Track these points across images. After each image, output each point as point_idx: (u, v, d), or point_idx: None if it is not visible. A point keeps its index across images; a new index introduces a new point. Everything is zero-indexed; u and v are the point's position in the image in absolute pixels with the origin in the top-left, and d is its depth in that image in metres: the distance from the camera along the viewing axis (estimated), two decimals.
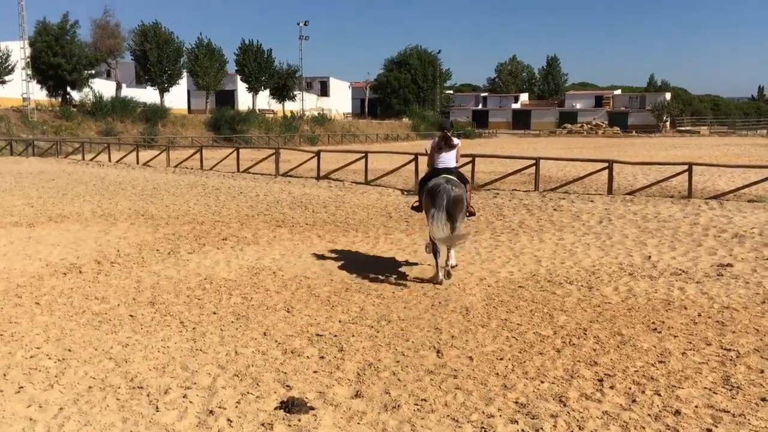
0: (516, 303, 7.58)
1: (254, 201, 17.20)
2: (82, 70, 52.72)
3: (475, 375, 5.40)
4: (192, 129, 56.86)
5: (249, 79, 69.31)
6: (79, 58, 51.80)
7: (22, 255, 10.34)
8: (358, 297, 7.87)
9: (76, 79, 52.28)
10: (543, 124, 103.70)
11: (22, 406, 4.81)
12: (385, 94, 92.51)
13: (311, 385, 5.20)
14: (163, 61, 58.53)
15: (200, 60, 62.84)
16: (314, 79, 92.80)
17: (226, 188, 20.26)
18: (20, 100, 48.42)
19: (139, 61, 59.31)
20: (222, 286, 8.38)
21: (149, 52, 57.75)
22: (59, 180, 22.97)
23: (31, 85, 48.52)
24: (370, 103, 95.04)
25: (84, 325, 6.78)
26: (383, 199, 17.65)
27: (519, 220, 13.59)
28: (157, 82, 59.26)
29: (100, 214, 14.84)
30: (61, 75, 51.04)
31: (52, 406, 4.80)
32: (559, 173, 24.37)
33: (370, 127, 78.27)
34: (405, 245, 11.13)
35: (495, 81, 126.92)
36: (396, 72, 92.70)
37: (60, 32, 51.42)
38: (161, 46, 58.31)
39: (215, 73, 64.71)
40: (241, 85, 72.19)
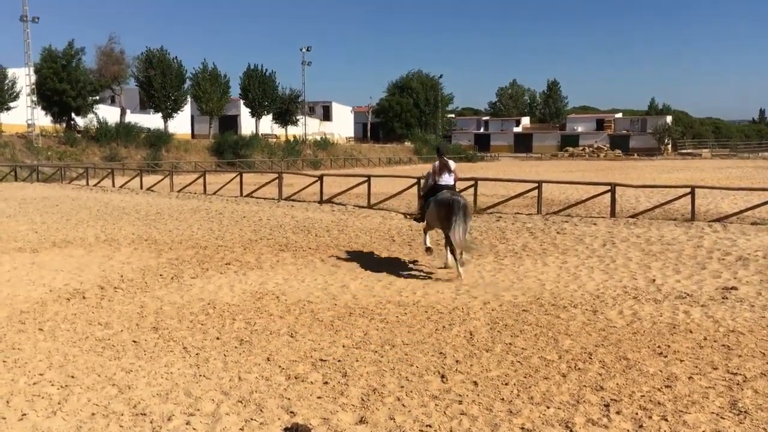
0: (520, 327, 7.55)
1: (257, 225, 17.22)
2: (87, 96, 53.16)
3: (480, 400, 5.37)
4: (195, 154, 57.13)
5: (252, 104, 69.77)
6: (83, 84, 52.24)
7: (25, 281, 10.34)
8: (362, 321, 7.85)
9: (81, 105, 52.68)
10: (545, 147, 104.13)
11: None
12: (387, 118, 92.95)
13: (315, 411, 5.17)
14: (167, 87, 59.01)
15: (204, 85, 63.33)
16: (317, 104, 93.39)
17: (229, 213, 20.29)
18: (25, 126, 48.73)
19: (143, 87, 59.83)
20: (225, 311, 8.37)
21: (153, 78, 58.26)
22: (63, 205, 23.03)
23: (36, 111, 48.88)
24: (373, 127, 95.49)
25: (87, 351, 6.76)
26: (386, 222, 17.65)
27: (522, 244, 13.58)
28: (161, 108, 59.69)
29: (103, 239, 14.87)
30: (66, 101, 51.43)
31: None
32: (561, 196, 24.39)
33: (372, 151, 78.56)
34: (408, 269, 11.11)
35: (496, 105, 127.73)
36: (398, 96, 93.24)
37: (65, 59, 51.90)
38: (165, 72, 58.82)
39: (219, 98, 65.20)
40: (245, 110, 72.67)
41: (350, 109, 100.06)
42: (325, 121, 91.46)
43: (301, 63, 74.76)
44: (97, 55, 57.17)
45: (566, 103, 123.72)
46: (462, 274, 10.21)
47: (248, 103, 70.03)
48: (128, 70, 59.19)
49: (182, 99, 62.06)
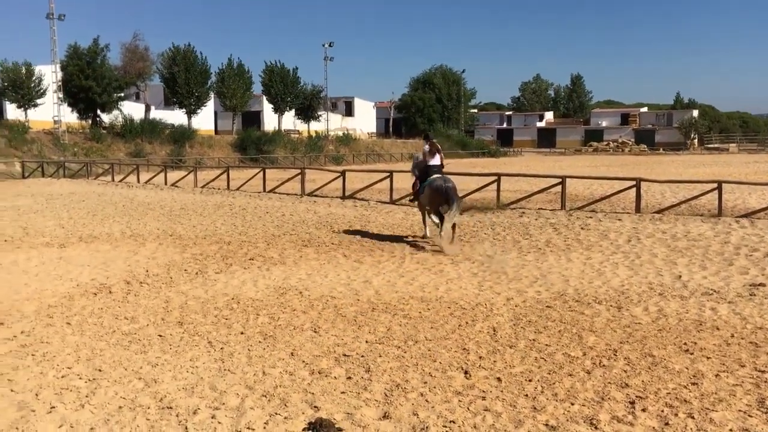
0: (544, 323, 7.51)
1: (280, 221, 17.30)
2: (112, 92, 53.71)
3: (504, 396, 5.36)
4: (219, 150, 57.50)
5: (275, 100, 70.02)
6: (109, 81, 52.80)
7: (53, 275, 10.50)
8: (385, 317, 7.86)
9: (106, 102, 53.25)
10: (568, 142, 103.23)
11: (54, 426, 4.87)
12: (409, 114, 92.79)
13: (339, 406, 5.19)
14: (191, 84, 59.42)
15: (227, 81, 63.68)
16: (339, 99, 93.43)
17: (252, 208, 20.41)
18: (52, 122, 49.42)
19: (167, 83, 60.27)
20: (249, 306, 8.43)
21: (177, 75, 58.68)
22: (89, 201, 23.33)
23: (62, 107, 49.53)
24: (395, 122, 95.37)
25: (114, 345, 6.85)
26: (408, 218, 17.63)
27: (546, 239, 13.50)
28: (185, 104, 60.13)
29: (129, 234, 15.04)
30: (92, 98, 52.02)
31: (83, 426, 4.85)
32: (585, 192, 24.19)
33: (394, 146, 78.48)
34: (431, 264, 11.11)
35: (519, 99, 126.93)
36: (420, 91, 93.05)
37: (91, 56, 52.49)
38: (189, 69, 59.24)
39: (242, 94, 65.51)
40: (267, 106, 72.92)
41: (372, 105, 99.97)
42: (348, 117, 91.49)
43: (324, 59, 74.88)
44: (122, 51, 57.79)
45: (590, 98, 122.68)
46: (449, 248, 12.27)
47: (271, 99, 70.29)
48: (153, 67, 59.71)
49: (206, 95, 62.47)
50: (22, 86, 49.39)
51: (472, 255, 11.94)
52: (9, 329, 7.45)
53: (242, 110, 67.42)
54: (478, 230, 14.96)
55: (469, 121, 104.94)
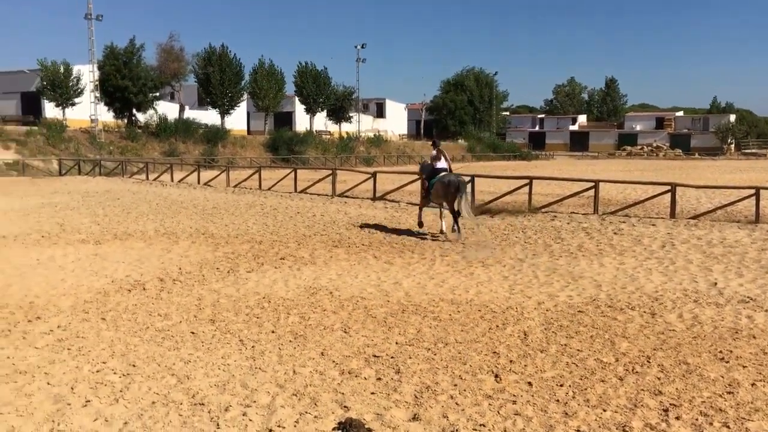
0: (576, 328, 7.44)
1: (311, 221, 17.39)
2: (148, 92, 54.53)
3: (535, 401, 5.32)
4: (251, 150, 58.01)
5: (307, 101, 70.43)
6: (144, 81, 53.60)
7: (88, 271, 10.69)
8: (415, 319, 7.85)
9: (142, 102, 54.08)
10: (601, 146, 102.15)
11: (89, 419, 4.96)
12: (441, 116, 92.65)
13: (369, 407, 5.20)
14: (225, 84, 60.03)
15: (260, 82, 64.20)
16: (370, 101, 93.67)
17: (283, 208, 20.55)
18: (89, 121, 50.33)
19: (202, 83, 60.97)
20: (280, 305, 8.48)
21: (212, 75, 59.32)
22: (124, 199, 23.70)
23: (99, 107, 50.41)
24: (426, 124, 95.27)
25: (147, 341, 6.95)
26: (439, 220, 17.57)
27: (578, 244, 13.37)
28: (219, 104, 60.77)
29: (162, 232, 15.24)
30: (128, 97, 52.87)
31: (117, 420, 4.93)
32: (618, 196, 23.91)
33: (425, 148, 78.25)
34: (461, 267, 11.07)
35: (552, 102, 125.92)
36: (452, 93, 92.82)
37: (127, 56, 53.35)
38: (223, 69, 59.85)
39: (274, 95, 66.00)
40: (299, 107, 73.40)
41: (404, 107, 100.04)
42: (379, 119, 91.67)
43: (356, 60, 75.24)
44: (157, 52, 58.58)
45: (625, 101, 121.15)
46: (462, 237, 13.92)
47: (303, 99, 70.72)
48: (188, 67, 60.43)
49: (239, 95, 63.07)
50: (60, 85, 50.38)
51: (503, 258, 11.87)
52: (46, 323, 7.61)
53: (274, 111, 67.92)
54: (509, 233, 14.87)
55: (501, 124, 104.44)
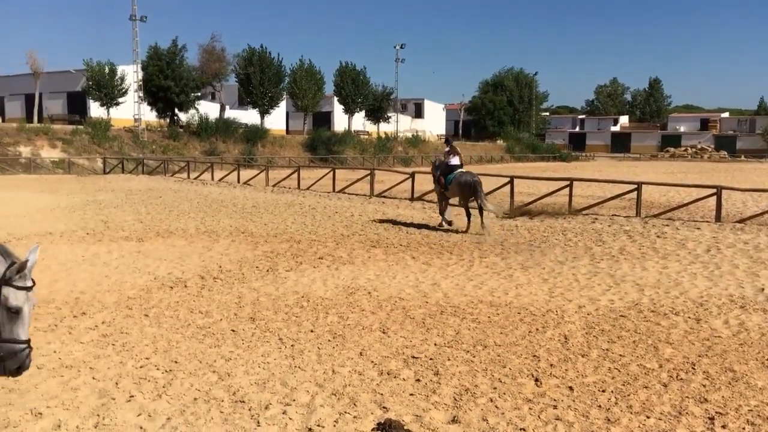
0: (618, 333, 7.32)
1: (349, 221, 17.45)
2: (189, 92, 55.37)
3: (576, 406, 5.24)
4: (290, 149, 58.47)
5: (346, 101, 70.71)
6: (186, 81, 54.44)
7: (132, 268, 10.88)
8: (453, 320, 7.82)
9: (184, 101, 54.92)
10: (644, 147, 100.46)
11: (133, 414, 5.04)
12: (479, 116, 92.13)
13: (408, 408, 5.19)
14: (265, 84, 60.61)
15: (300, 82, 64.66)
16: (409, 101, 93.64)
17: (322, 208, 20.66)
18: (132, 120, 51.31)
19: (242, 83, 61.64)
20: (319, 305, 8.52)
21: (252, 76, 59.94)
22: (166, 197, 24.09)
23: (142, 106, 51.36)
24: (464, 124, 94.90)
25: (189, 337, 7.05)
26: (477, 221, 17.47)
27: (619, 247, 13.16)
28: (259, 104, 61.38)
29: (203, 230, 15.44)
30: (170, 97, 53.76)
31: (160, 415, 5.00)
32: (662, 199, 23.48)
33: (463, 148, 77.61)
34: (500, 269, 10.99)
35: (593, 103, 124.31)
36: (491, 94, 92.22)
37: (170, 56, 54.23)
38: (264, 70, 60.43)
39: (313, 95, 66.40)
40: (338, 107, 73.73)
41: (442, 107, 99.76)
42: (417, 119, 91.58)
43: (395, 60, 75.27)
44: (199, 52, 59.42)
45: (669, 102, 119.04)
46: (488, 231, 15.02)
47: (342, 99, 71.03)
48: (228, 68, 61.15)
49: (279, 95, 63.62)
50: (105, 85, 51.46)
51: (542, 261, 11.75)
52: (91, 319, 7.76)
53: (313, 111, 68.32)
54: (549, 236, 14.71)
55: (541, 125, 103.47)
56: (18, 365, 3.74)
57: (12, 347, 3.70)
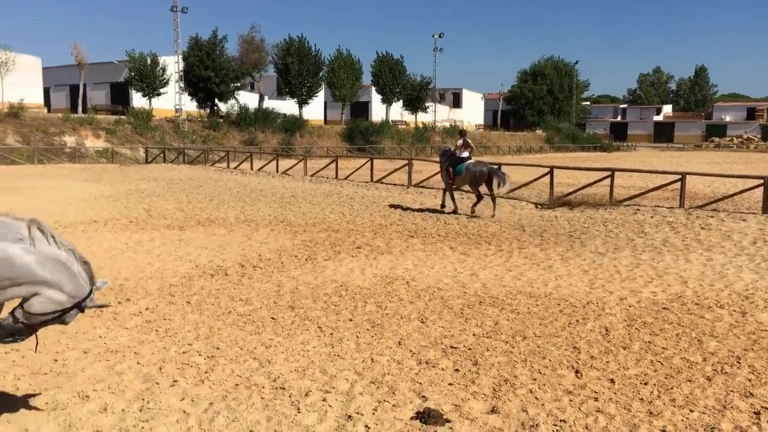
0: (660, 325, 7.20)
1: (387, 211, 17.46)
2: (229, 82, 55.91)
3: (618, 399, 5.18)
4: (328, 139, 58.71)
5: (384, 91, 70.65)
6: (226, 71, 54.97)
7: (174, 256, 11.07)
8: (492, 311, 7.78)
9: (224, 92, 55.49)
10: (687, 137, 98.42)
11: (176, 398, 5.14)
12: (518, 106, 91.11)
13: (447, 398, 5.19)
14: (303, 74, 60.88)
15: (338, 72, 64.79)
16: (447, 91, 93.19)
17: (359, 197, 20.71)
18: (173, 111, 52.05)
19: (281, 74, 62.01)
20: (357, 294, 8.56)
21: (291, 66, 60.25)
22: (206, 186, 24.41)
23: (183, 97, 52.05)
24: (503, 114, 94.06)
25: (230, 325, 7.15)
26: (516, 212, 17.37)
27: (662, 238, 12.93)
28: (297, 95, 61.70)
29: (243, 219, 15.62)
30: (210, 87, 54.36)
31: (203, 400, 5.09)
32: (706, 190, 22.99)
33: (502, 138, 77.47)
34: (539, 260, 10.89)
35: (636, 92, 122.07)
36: (530, 83, 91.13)
37: (210, 47, 54.79)
38: (303, 60, 60.69)
39: (351, 85, 66.48)
40: (376, 97, 73.72)
41: (480, 96, 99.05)
42: (455, 108, 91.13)
43: (433, 49, 74.88)
44: (239, 43, 59.90)
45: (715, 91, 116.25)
46: (497, 214, 16.20)
47: (380, 89, 70.98)
48: (267, 58, 61.56)
49: (317, 86, 63.86)
50: (147, 76, 52.27)
51: (582, 252, 11.61)
52: (135, 305, 7.92)
53: (351, 101, 68.42)
54: (589, 227, 14.52)
55: (581, 114, 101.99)
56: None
57: None
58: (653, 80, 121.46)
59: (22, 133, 41.26)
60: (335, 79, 64.95)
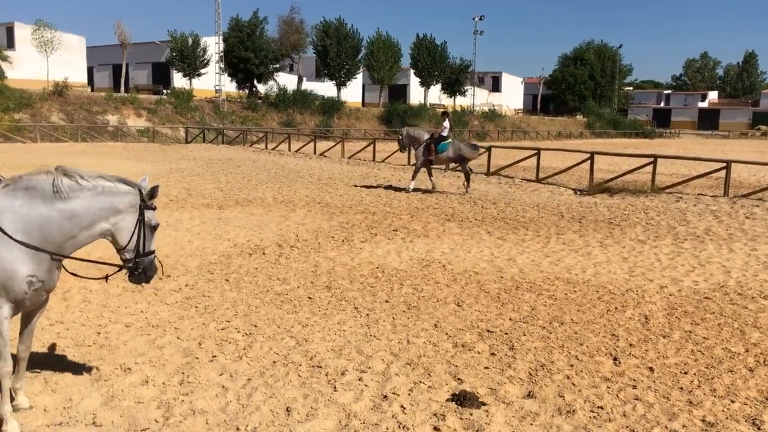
0: (701, 315, 7.07)
1: (423, 194, 17.42)
2: (269, 64, 56.22)
3: (657, 387, 5.11)
4: (365, 122, 58.73)
5: (422, 74, 70.27)
6: (266, 52, 55.24)
7: (212, 235, 11.21)
8: (529, 296, 7.73)
9: (263, 73, 55.86)
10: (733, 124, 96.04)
11: (215, 373, 5.22)
12: (558, 90, 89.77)
13: (482, 381, 5.18)
14: (342, 56, 60.86)
15: (376, 54, 64.60)
16: (486, 74, 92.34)
17: (396, 180, 20.69)
18: (213, 91, 52.54)
19: (320, 55, 62.08)
20: (393, 276, 8.57)
21: (329, 48, 60.26)
22: (245, 167, 24.63)
23: (222, 77, 52.47)
24: (543, 99, 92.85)
25: (268, 303, 7.22)
26: (555, 198, 17.18)
27: (705, 227, 12.67)
28: (335, 76, 61.74)
29: (280, 200, 15.74)
30: (250, 69, 54.76)
31: (241, 376, 5.17)
32: (751, 178, 22.45)
33: (541, 123, 76.55)
34: (578, 246, 10.77)
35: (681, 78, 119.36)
36: (572, 67, 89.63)
37: (251, 28, 55.07)
38: (341, 42, 60.65)
39: (390, 68, 66.27)
40: (414, 80, 73.40)
41: (520, 81, 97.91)
42: (494, 92, 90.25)
43: (473, 32, 74.16)
44: (278, 24, 60.13)
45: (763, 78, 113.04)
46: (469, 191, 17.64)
47: (418, 72, 70.62)
48: (307, 39, 61.67)
49: (356, 68, 63.82)
50: (188, 56, 52.81)
51: (622, 239, 11.44)
52: (175, 282, 8.06)
53: (389, 83, 68.25)
54: (630, 214, 14.30)
55: (623, 100, 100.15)
56: (154, 273, 4.51)
57: (151, 258, 4.45)
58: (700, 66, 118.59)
59: (67, 111, 42.10)
60: (374, 62, 64.82)
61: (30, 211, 4.03)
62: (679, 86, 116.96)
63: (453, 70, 72.68)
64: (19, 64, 46.06)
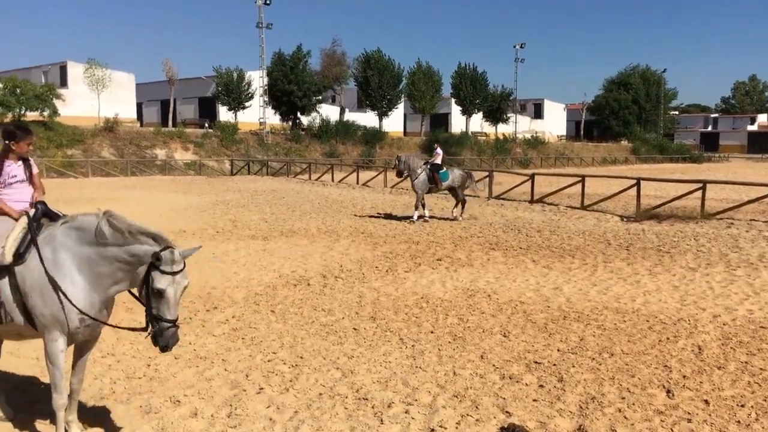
0: (757, 345, 6.85)
1: (467, 223, 17.36)
2: (311, 96, 57.06)
3: (713, 421, 4.95)
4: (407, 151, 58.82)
5: (463, 102, 70.41)
6: (309, 85, 56.12)
7: (258, 265, 11.33)
8: (577, 326, 7.59)
9: (306, 105, 56.68)
10: None
11: (263, 406, 5.25)
12: (602, 116, 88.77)
13: (531, 414, 5.09)
14: (383, 87, 61.44)
15: (417, 84, 65.04)
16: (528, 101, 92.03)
17: (439, 210, 20.66)
18: (257, 124, 53.52)
19: (361, 87, 62.79)
20: (438, 306, 8.53)
21: (371, 79, 60.92)
22: (289, 198, 24.91)
23: (266, 110, 53.45)
24: (586, 125, 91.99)
25: (313, 334, 7.25)
26: (601, 225, 16.93)
27: (758, 254, 12.31)
28: (377, 107, 62.30)
29: (324, 230, 15.85)
30: (293, 101, 55.63)
31: (288, 408, 5.18)
32: None
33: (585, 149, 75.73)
34: (626, 274, 10.56)
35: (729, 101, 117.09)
36: (616, 93, 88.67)
37: (294, 62, 56.10)
38: (382, 73, 61.28)
39: (431, 97, 66.60)
40: (455, 108, 73.54)
41: (563, 107, 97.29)
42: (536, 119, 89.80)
43: (514, 60, 74.14)
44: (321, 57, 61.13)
45: None
46: (461, 217, 18.28)
47: (459, 101, 70.78)
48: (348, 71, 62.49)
49: (397, 98, 64.33)
50: (233, 90, 53.98)
51: (672, 267, 11.19)
52: (222, 313, 8.15)
53: (431, 112, 68.52)
54: (679, 241, 13.99)
55: (669, 124, 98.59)
56: (165, 343, 4.06)
57: (164, 327, 4.05)
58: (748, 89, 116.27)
59: (117, 147, 43.32)
60: (415, 91, 65.23)
61: (79, 250, 4.16)
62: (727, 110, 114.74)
63: (494, 98, 72.64)
64: (71, 102, 47.65)
